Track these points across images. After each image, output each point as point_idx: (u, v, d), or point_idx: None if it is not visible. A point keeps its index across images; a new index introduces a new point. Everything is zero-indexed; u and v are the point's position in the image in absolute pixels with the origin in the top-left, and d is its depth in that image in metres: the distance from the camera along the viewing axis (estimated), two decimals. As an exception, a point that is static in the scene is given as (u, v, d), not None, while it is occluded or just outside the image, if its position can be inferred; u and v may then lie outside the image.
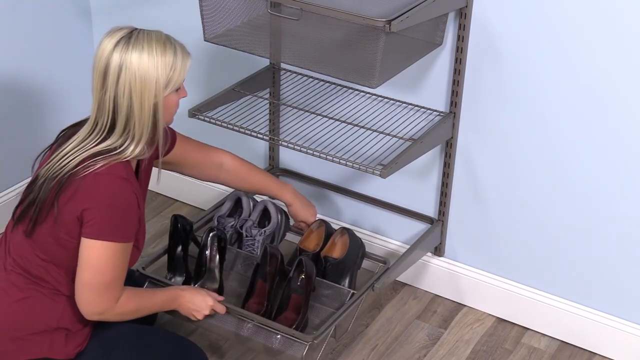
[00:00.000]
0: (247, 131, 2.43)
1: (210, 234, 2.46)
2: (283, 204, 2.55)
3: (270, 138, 2.53)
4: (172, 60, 1.99)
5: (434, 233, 2.67)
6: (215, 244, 2.46)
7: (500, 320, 2.72)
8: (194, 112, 2.50)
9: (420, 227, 2.77)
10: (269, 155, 2.93)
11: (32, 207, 2.01)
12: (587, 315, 2.57)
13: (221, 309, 2.27)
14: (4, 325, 2.03)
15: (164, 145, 2.12)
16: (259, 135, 2.44)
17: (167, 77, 1.99)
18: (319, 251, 2.49)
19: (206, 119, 2.48)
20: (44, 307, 2.05)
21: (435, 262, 2.78)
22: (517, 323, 2.70)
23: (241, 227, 2.58)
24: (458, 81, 2.48)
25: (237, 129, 2.44)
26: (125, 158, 2.01)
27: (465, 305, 2.77)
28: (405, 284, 2.85)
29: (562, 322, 2.61)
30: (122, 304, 2.06)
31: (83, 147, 2.00)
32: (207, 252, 2.45)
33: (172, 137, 2.34)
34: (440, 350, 2.60)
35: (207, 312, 2.25)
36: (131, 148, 2.00)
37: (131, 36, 1.98)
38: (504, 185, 2.57)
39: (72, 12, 3.02)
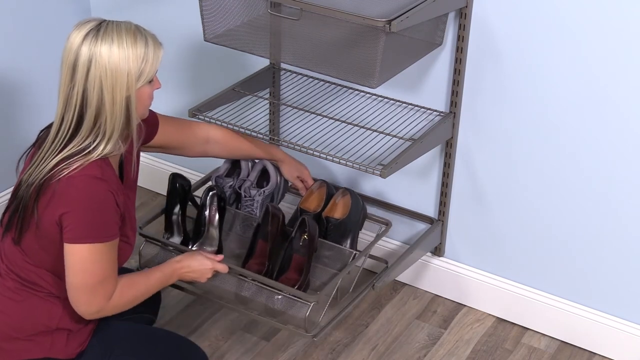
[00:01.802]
0: (247, 131, 2.43)
1: (210, 193, 2.42)
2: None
3: (270, 138, 2.53)
4: (143, 51, 1.93)
5: (434, 233, 2.67)
6: (215, 203, 2.41)
7: (500, 320, 2.72)
8: (194, 112, 2.50)
9: (420, 227, 2.77)
10: (269, 155, 2.93)
11: (17, 214, 1.97)
12: (587, 315, 2.57)
13: (223, 268, 2.24)
14: (3, 327, 2.02)
15: (138, 138, 2.05)
16: (259, 135, 2.44)
17: (139, 68, 1.93)
18: (320, 212, 2.47)
19: (206, 119, 2.48)
20: (42, 309, 2.04)
21: (435, 262, 2.78)
22: (517, 323, 2.70)
23: (239, 188, 2.55)
24: (458, 81, 2.48)
25: (237, 129, 2.44)
26: (99, 156, 1.94)
27: (465, 305, 2.77)
28: (405, 284, 2.86)
29: (562, 322, 2.62)
30: (117, 298, 2.03)
31: (54, 149, 1.94)
32: (206, 212, 2.40)
33: (153, 120, 2.29)
34: (440, 350, 2.60)
35: (209, 275, 2.22)
36: (102, 145, 1.94)
37: (100, 28, 1.91)
38: (504, 185, 2.57)
39: (72, 12, 3.03)
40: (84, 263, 1.95)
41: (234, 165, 2.63)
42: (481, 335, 2.66)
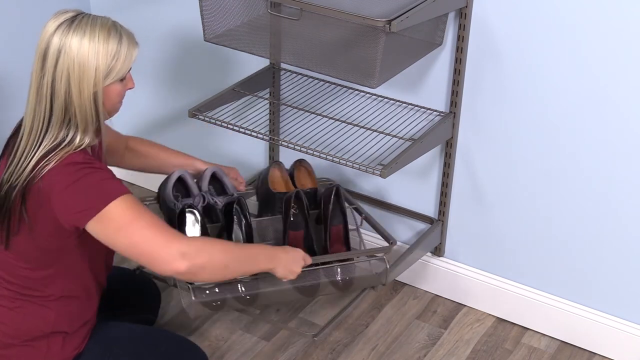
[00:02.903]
0: (247, 131, 2.43)
1: (234, 208, 2.35)
2: None
3: (270, 138, 2.53)
4: (115, 48, 1.89)
5: (434, 233, 2.67)
6: (241, 217, 2.37)
7: (500, 320, 2.72)
8: (194, 112, 2.50)
9: (420, 227, 2.77)
10: (269, 155, 2.93)
11: (2, 219, 1.93)
12: (587, 315, 2.57)
13: (309, 259, 2.19)
14: None
15: (105, 133, 2.00)
16: (259, 135, 2.44)
17: (108, 65, 1.88)
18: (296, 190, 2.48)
19: (206, 119, 2.48)
20: (36, 314, 2.01)
21: (435, 262, 2.78)
22: (517, 323, 2.70)
23: (209, 203, 2.41)
24: (458, 81, 2.48)
25: (237, 129, 2.44)
26: (77, 149, 1.89)
27: (465, 305, 2.77)
28: (405, 284, 2.85)
29: (562, 322, 2.62)
30: (200, 244, 1.93)
31: (31, 146, 1.88)
32: (235, 224, 2.35)
33: None
34: (440, 350, 2.60)
35: (299, 270, 2.15)
36: (78, 137, 1.89)
37: (74, 20, 1.88)
38: (504, 185, 2.57)
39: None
40: (121, 222, 1.86)
41: (180, 186, 2.46)
42: (481, 335, 2.66)
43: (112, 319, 2.20)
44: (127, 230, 1.87)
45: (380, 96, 2.62)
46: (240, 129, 2.44)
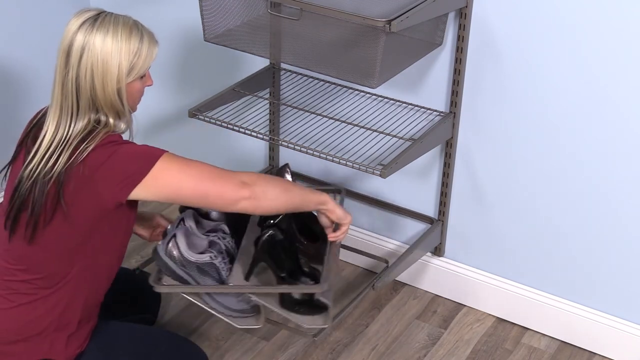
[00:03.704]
0: (247, 131, 2.43)
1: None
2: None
3: (270, 138, 2.53)
4: (137, 46, 1.94)
5: (434, 233, 2.67)
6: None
7: (500, 320, 2.72)
8: (194, 112, 2.50)
9: (420, 227, 2.77)
10: (269, 155, 2.93)
11: (24, 213, 1.94)
12: (587, 315, 2.57)
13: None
14: (3, 330, 2.01)
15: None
16: (259, 135, 2.44)
17: (130, 62, 1.94)
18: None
19: (206, 119, 2.48)
20: (40, 311, 2.01)
21: (435, 262, 2.78)
22: (517, 323, 2.70)
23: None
24: (458, 81, 2.48)
25: (237, 129, 2.44)
26: (113, 130, 1.95)
27: (465, 305, 2.77)
28: (405, 284, 2.86)
29: (562, 322, 2.62)
30: (256, 173, 2.06)
31: (62, 138, 1.92)
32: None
33: None
34: (440, 350, 2.60)
35: (347, 226, 2.21)
36: (112, 120, 1.95)
37: (98, 18, 1.93)
38: (504, 185, 2.57)
39: (72, 11, 3.02)
40: (176, 178, 1.94)
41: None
42: (481, 335, 2.66)
43: (112, 319, 2.20)
44: (186, 179, 1.96)
45: (380, 96, 2.62)
46: (240, 129, 2.44)
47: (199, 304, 2.20)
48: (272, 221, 2.21)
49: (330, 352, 2.58)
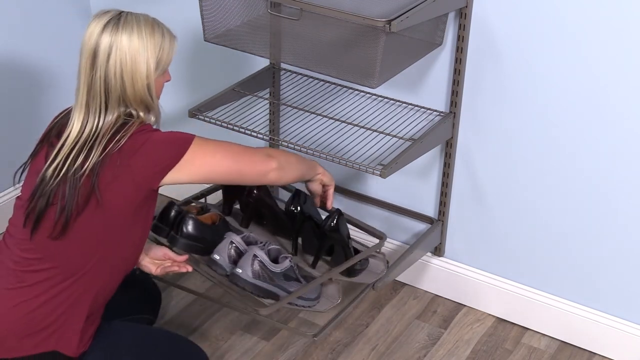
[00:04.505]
0: (247, 131, 2.43)
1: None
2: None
3: (270, 138, 2.53)
4: (160, 41, 2.01)
5: (434, 233, 2.67)
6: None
7: (500, 320, 2.72)
8: (194, 112, 2.50)
9: (420, 227, 2.77)
10: (269, 155, 2.93)
11: (51, 211, 1.96)
12: (587, 315, 2.57)
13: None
14: (13, 323, 2.00)
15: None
16: (259, 135, 2.44)
17: (157, 58, 2.01)
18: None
19: (206, 119, 2.48)
20: (54, 302, 2.02)
21: (435, 262, 2.78)
22: (517, 323, 2.70)
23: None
24: (458, 81, 2.48)
25: (237, 129, 2.44)
26: (145, 121, 2.02)
27: (465, 305, 2.77)
28: (405, 284, 2.86)
29: (562, 322, 2.62)
30: (279, 153, 2.19)
31: (94, 133, 1.97)
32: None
33: None
34: (440, 350, 2.60)
35: (333, 187, 2.39)
36: (142, 114, 2.02)
37: (120, 18, 1.99)
38: (504, 185, 2.57)
39: (72, 11, 3.03)
40: (209, 159, 2.04)
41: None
42: (481, 335, 2.66)
43: (112, 319, 2.20)
44: (221, 158, 2.07)
45: (380, 96, 2.62)
46: (240, 129, 2.44)
47: (292, 307, 2.32)
48: (297, 207, 2.42)
49: (330, 352, 2.58)
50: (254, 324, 2.66)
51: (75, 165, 1.95)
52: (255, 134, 2.43)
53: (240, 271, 2.22)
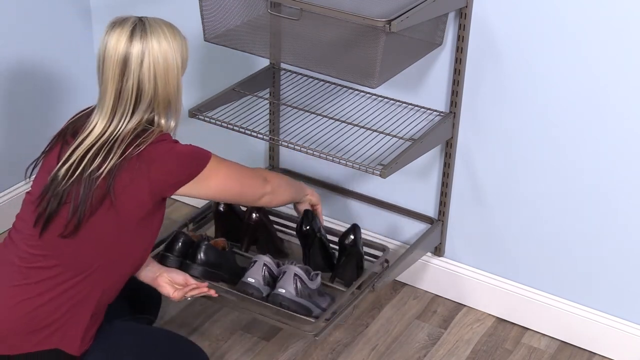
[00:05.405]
0: (247, 131, 2.43)
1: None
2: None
3: (270, 138, 2.53)
4: (181, 41, 2.08)
5: (434, 233, 2.67)
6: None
7: (500, 320, 2.72)
8: (194, 112, 2.50)
9: (420, 227, 2.77)
10: (269, 155, 2.93)
11: (63, 210, 1.98)
12: (587, 315, 2.57)
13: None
14: (17, 321, 2.00)
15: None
16: (259, 135, 2.44)
17: (182, 57, 2.07)
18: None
19: (206, 119, 2.48)
20: (60, 299, 2.02)
21: (435, 262, 2.78)
22: (517, 323, 2.70)
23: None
24: (458, 81, 2.48)
25: (237, 129, 2.44)
26: (166, 130, 2.07)
27: (465, 305, 2.77)
28: (405, 284, 2.85)
29: (562, 322, 2.62)
30: (274, 176, 2.32)
31: (114, 136, 2.00)
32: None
33: None
34: (440, 350, 2.60)
35: (320, 205, 2.50)
36: (163, 121, 2.06)
37: (144, 24, 2.04)
38: (504, 185, 2.57)
39: (72, 11, 3.03)
40: (221, 179, 2.13)
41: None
42: (481, 335, 2.66)
43: (113, 318, 2.20)
44: (231, 180, 2.17)
45: (380, 96, 2.62)
46: (240, 129, 2.44)
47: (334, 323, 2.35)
48: (308, 227, 2.43)
49: (330, 352, 2.58)
50: (254, 324, 2.66)
51: (92, 167, 1.97)
52: (255, 134, 2.43)
53: (284, 291, 2.28)
